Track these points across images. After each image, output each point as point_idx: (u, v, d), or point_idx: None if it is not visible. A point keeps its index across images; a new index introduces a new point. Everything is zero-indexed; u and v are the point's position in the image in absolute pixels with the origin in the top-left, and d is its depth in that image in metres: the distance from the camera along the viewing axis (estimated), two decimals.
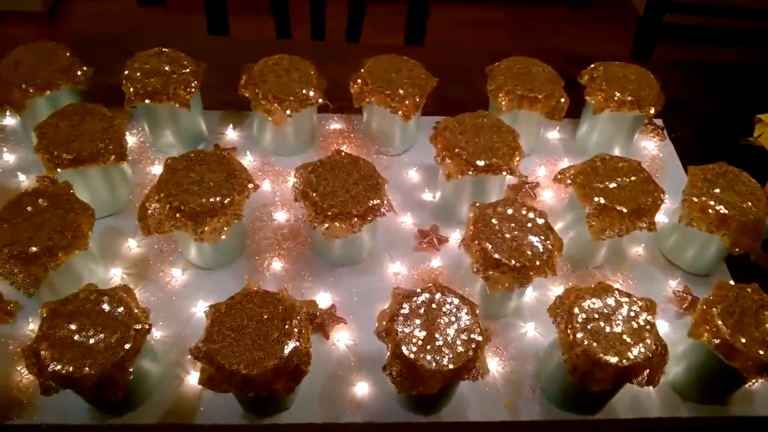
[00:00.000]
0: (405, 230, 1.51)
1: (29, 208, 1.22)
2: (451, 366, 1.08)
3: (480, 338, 1.11)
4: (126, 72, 1.49)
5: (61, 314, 1.08)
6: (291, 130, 1.57)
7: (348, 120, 1.72)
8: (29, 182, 1.51)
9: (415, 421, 1.23)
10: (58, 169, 1.33)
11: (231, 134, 1.67)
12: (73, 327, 1.07)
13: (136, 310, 1.11)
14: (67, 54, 1.53)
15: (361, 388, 1.24)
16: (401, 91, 1.51)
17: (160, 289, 1.36)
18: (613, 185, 1.38)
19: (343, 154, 1.39)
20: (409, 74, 1.57)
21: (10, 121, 1.64)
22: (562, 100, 1.58)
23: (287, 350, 1.07)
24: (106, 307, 1.10)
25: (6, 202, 1.25)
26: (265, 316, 1.11)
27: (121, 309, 1.10)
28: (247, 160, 1.61)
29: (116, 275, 1.37)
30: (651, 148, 1.78)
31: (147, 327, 1.10)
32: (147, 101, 1.47)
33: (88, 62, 1.57)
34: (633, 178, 1.40)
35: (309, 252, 1.44)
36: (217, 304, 1.13)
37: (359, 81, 1.56)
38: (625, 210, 1.34)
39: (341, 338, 1.30)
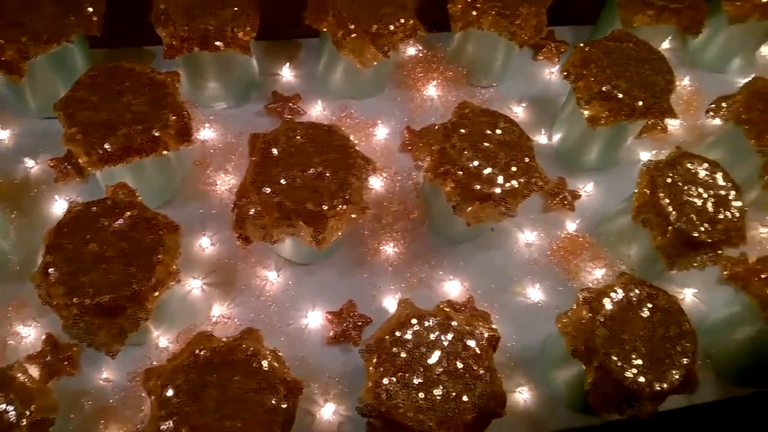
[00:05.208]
0: None
1: (94, 235, 0.88)
2: None
3: None
4: (160, 7, 1.08)
5: None
6: (372, 68, 1.22)
7: (426, 43, 1.37)
8: (40, 168, 1.14)
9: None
10: (106, 167, 0.97)
11: (286, 74, 1.30)
12: None
13: None
14: None
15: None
16: (523, 10, 1.18)
17: (256, 298, 1.07)
18: None
19: (477, 108, 1.08)
20: None
21: None
22: (702, 10, 1.29)
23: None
24: None
25: (17, 196, 0.97)
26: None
27: None
28: (318, 111, 1.26)
29: (196, 287, 1.07)
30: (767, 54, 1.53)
31: None
32: (196, 50, 1.08)
33: None
34: None
35: (425, 228, 1.17)
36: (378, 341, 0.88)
37: None
38: None
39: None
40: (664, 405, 0.96)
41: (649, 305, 0.95)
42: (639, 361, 0.90)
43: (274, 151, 0.97)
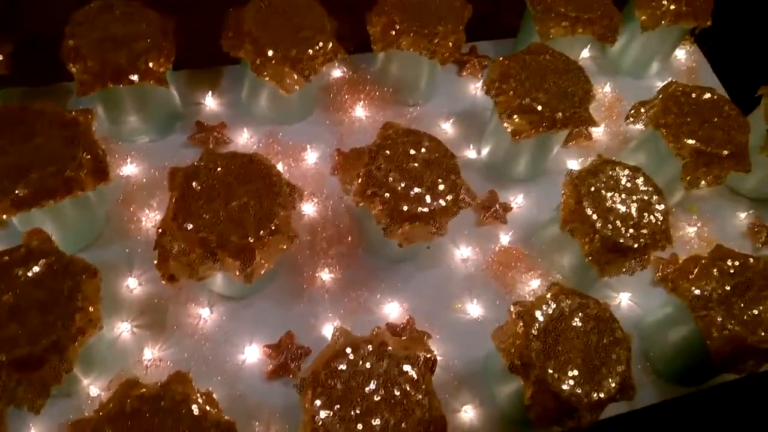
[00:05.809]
0: None
1: (8, 285, 0.84)
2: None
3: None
4: (69, 43, 1.05)
5: None
6: (297, 92, 1.21)
7: (351, 64, 1.37)
8: None
9: None
10: (19, 213, 0.92)
11: (210, 103, 1.28)
12: None
13: None
14: None
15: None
16: (441, 29, 1.18)
17: (189, 337, 1.04)
18: (704, 125, 1.19)
19: (400, 129, 1.08)
20: (440, 2, 1.23)
21: None
22: (615, 19, 1.33)
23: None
24: None
25: None
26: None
27: None
28: (245, 138, 1.24)
29: (125, 330, 1.02)
30: (683, 58, 1.59)
31: None
32: (110, 84, 1.05)
33: None
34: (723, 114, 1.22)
35: (361, 251, 1.16)
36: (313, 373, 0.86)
37: (383, 18, 1.20)
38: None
39: None
40: (607, 412, 0.97)
41: (581, 314, 0.96)
42: (575, 372, 0.91)
43: (195, 184, 0.95)
